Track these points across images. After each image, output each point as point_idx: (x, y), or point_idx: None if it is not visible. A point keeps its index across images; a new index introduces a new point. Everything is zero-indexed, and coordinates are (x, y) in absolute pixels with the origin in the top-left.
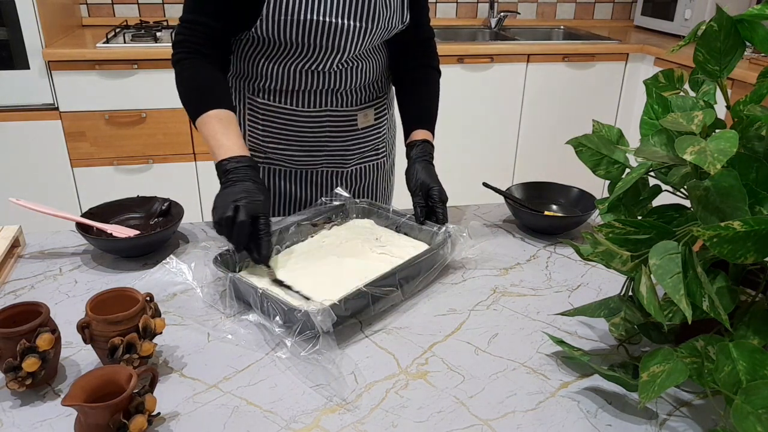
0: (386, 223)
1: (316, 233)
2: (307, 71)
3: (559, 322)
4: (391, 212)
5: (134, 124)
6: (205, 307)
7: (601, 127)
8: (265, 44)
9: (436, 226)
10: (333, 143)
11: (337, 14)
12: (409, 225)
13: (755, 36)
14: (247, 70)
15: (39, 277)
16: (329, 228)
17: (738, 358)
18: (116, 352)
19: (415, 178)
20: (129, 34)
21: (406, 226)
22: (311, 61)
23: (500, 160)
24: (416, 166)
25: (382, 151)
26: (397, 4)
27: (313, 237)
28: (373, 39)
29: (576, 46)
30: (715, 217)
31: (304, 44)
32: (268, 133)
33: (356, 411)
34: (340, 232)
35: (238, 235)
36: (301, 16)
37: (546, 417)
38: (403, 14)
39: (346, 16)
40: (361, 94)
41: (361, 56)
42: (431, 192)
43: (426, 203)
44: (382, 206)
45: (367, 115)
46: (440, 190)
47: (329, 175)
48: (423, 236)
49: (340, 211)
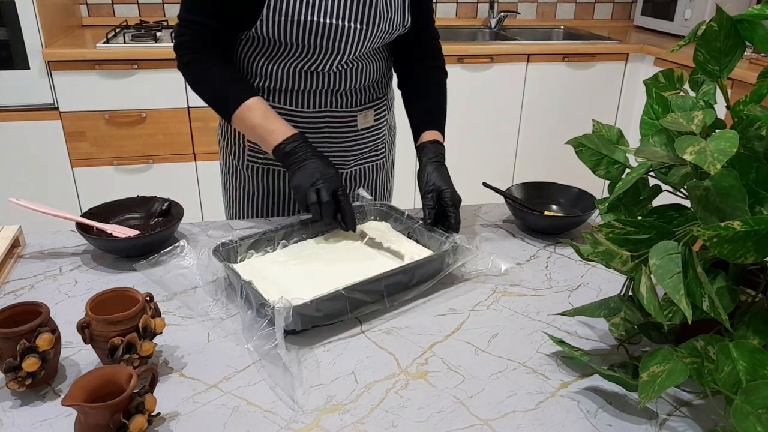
0: (401, 228)
1: (327, 231)
2: (307, 72)
3: (559, 322)
4: (405, 216)
5: (134, 124)
6: (206, 307)
7: (601, 127)
8: (265, 44)
9: (445, 234)
10: (332, 144)
11: (338, 16)
12: (421, 231)
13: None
14: (247, 70)
15: (39, 277)
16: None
17: (738, 358)
18: (116, 352)
19: (426, 180)
20: (129, 34)
21: (418, 231)
22: (311, 61)
23: (500, 160)
24: (428, 168)
25: (381, 151)
26: (398, 6)
27: (323, 235)
28: (374, 41)
29: (576, 46)
30: (715, 217)
31: (304, 45)
32: None
33: (356, 411)
34: (350, 233)
35: (327, 214)
36: (301, 17)
37: (546, 417)
38: (404, 17)
39: (347, 18)
40: (361, 95)
41: (361, 57)
42: (443, 195)
43: (435, 206)
44: (400, 210)
45: (366, 116)
46: (452, 193)
47: None
48: (432, 243)
49: (358, 212)
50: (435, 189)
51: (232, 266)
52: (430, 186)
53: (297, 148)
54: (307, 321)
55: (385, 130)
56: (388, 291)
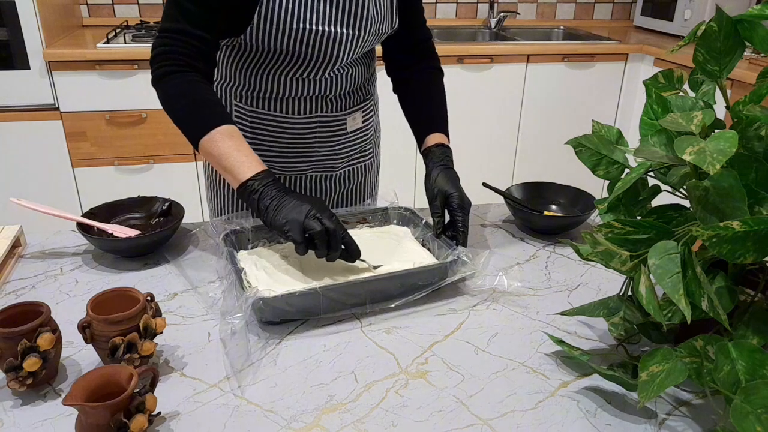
0: (418, 234)
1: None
2: (298, 79)
3: (558, 321)
4: (423, 224)
5: (135, 125)
6: (206, 306)
7: (600, 128)
8: (255, 52)
9: (451, 247)
10: (323, 148)
11: (329, 23)
12: (433, 239)
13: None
14: (234, 78)
15: (40, 277)
16: (361, 227)
17: (737, 357)
18: (117, 351)
19: (432, 186)
20: (129, 35)
21: (431, 239)
22: (302, 69)
23: (500, 160)
24: (433, 173)
25: (369, 152)
26: (386, 9)
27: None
28: (365, 46)
29: (576, 47)
30: (714, 217)
31: (296, 52)
32: (256, 141)
33: (356, 410)
34: (363, 234)
35: (334, 241)
36: (293, 25)
37: (545, 416)
38: (392, 19)
39: (338, 24)
40: (349, 99)
41: (350, 62)
42: (450, 199)
43: (443, 213)
44: (419, 216)
45: (355, 118)
46: (460, 197)
47: (319, 180)
48: (441, 253)
49: (380, 214)
50: (441, 194)
51: (233, 252)
52: (435, 191)
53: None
54: (278, 313)
55: (372, 131)
56: (372, 297)
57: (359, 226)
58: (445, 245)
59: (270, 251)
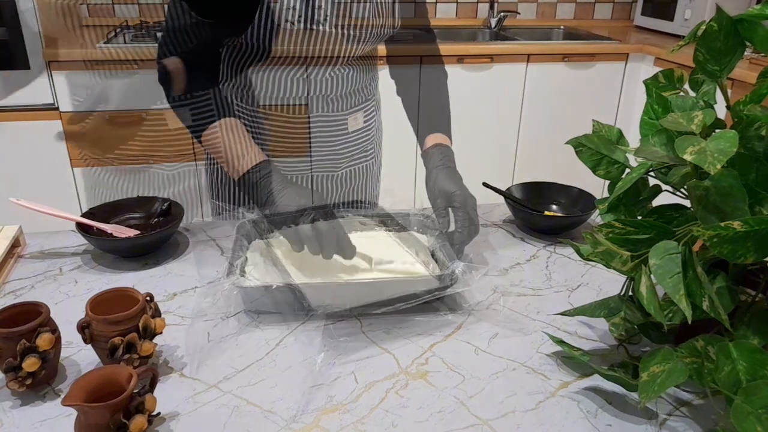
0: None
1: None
2: (298, 79)
3: (559, 322)
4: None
5: (135, 125)
6: (206, 306)
7: (600, 127)
8: (255, 52)
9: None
10: (324, 148)
11: (329, 23)
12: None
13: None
14: (235, 77)
15: (39, 277)
16: (378, 230)
17: (738, 358)
18: (116, 351)
19: (432, 186)
20: (129, 35)
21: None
22: (302, 69)
23: (500, 160)
24: (432, 174)
25: (370, 152)
26: (388, 10)
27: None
28: (366, 46)
29: (576, 46)
30: (715, 217)
31: (296, 53)
32: (256, 140)
33: (356, 411)
34: (379, 236)
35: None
36: (293, 25)
37: (546, 417)
38: (394, 19)
39: (339, 25)
40: (350, 99)
41: (352, 62)
42: (452, 198)
43: (447, 213)
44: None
45: (356, 118)
46: (462, 195)
47: (320, 180)
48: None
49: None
50: (442, 194)
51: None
52: (436, 192)
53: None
54: (257, 304)
55: (374, 131)
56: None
57: (376, 228)
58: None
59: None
